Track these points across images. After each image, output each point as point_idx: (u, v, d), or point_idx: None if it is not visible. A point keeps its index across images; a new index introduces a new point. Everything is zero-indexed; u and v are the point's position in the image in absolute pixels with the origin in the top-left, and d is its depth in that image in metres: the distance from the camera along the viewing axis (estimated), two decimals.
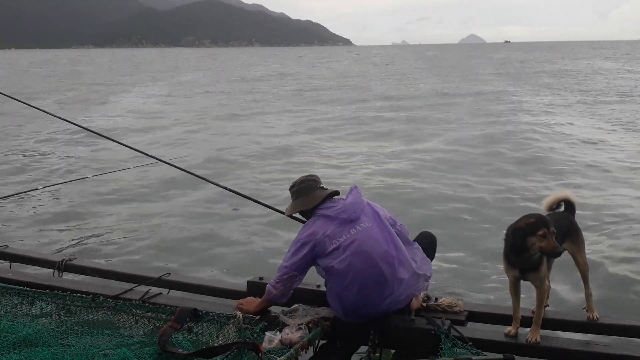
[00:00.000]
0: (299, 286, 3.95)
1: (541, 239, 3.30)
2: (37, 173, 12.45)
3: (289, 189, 3.99)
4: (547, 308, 3.80)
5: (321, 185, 3.88)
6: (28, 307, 3.89)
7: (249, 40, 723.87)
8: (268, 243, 7.71)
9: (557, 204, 3.83)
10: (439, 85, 35.82)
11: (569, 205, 3.83)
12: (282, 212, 4.27)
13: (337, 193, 3.91)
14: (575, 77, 41.35)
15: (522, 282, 3.56)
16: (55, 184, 8.86)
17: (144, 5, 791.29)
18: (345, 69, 55.03)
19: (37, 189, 7.50)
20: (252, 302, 3.87)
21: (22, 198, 9.15)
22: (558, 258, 3.52)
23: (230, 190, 5.23)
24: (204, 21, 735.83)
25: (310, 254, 3.62)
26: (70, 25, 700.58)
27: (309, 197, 3.83)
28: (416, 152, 14.52)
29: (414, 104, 25.36)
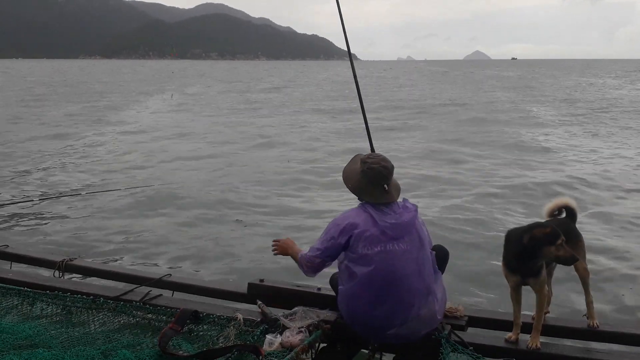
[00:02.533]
0: (299, 289, 3.96)
1: (559, 248, 3.33)
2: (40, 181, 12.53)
3: (362, 158, 3.60)
4: (547, 315, 3.80)
5: (386, 185, 3.49)
6: (28, 308, 3.88)
7: (255, 54, 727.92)
8: (269, 245, 7.70)
9: (559, 210, 3.84)
10: None
11: (570, 212, 3.84)
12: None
13: (395, 200, 3.56)
14: None
15: (522, 288, 3.56)
16: (50, 197, 8.86)
17: (152, 17, 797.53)
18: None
19: (32, 200, 7.51)
20: (288, 245, 3.92)
21: (22, 203, 9.19)
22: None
23: None
24: (211, 34, 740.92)
25: (347, 244, 3.45)
26: (77, 36, 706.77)
27: (369, 189, 3.50)
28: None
29: None
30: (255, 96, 41.53)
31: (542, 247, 3.34)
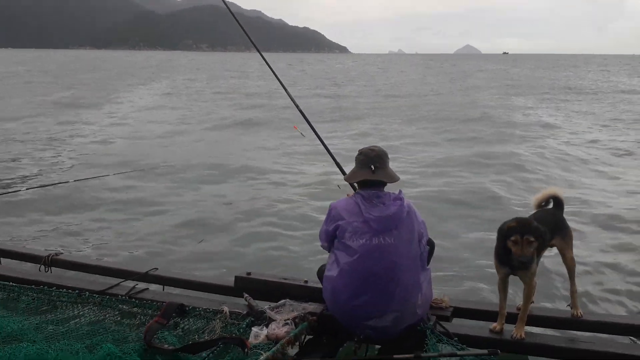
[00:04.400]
0: (286, 281, 3.96)
1: (513, 244, 3.36)
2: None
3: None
4: (531, 305, 3.81)
5: (372, 167, 3.60)
6: (14, 302, 3.87)
7: (246, 45, 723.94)
8: (255, 239, 7.70)
9: (546, 200, 3.86)
10: None
11: (558, 202, 3.86)
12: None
13: (382, 183, 3.63)
14: None
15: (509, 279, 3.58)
16: (36, 186, 8.76)
17: (143, 8, 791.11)
18: None
19: (19, 191, 7.38)
20: None
21: (7, 195, 9.07)
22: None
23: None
24: (202, 25, 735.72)
25: (334, 232, 3.54)
26: (67, 27, 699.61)
27: (358, 171, 3.66)
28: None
29: None
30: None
31: (505, 240, 3.40)
